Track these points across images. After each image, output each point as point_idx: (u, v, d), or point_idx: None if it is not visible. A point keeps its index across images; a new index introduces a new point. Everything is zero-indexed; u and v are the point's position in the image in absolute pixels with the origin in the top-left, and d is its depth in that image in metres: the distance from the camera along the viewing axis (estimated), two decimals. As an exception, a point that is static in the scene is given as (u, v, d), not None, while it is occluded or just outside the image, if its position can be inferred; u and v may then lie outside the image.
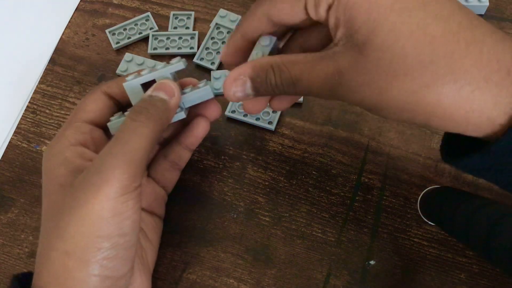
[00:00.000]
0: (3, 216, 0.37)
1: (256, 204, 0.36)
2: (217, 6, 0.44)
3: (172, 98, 0.28)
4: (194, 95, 0.30)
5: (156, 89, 0.28)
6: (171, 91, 0.28)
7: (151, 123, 0.27)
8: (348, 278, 0.33)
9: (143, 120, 0.27)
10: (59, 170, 0.28)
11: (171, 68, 0.30)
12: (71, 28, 0.45)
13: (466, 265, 0.33)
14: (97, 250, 0.25)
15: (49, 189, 0.28)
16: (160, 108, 0.28)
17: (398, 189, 0.36)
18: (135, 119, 0.27)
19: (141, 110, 0.27)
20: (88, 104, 0.31)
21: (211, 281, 0.34)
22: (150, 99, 0.28)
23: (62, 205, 0.26)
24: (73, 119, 0.30)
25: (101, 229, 0.25)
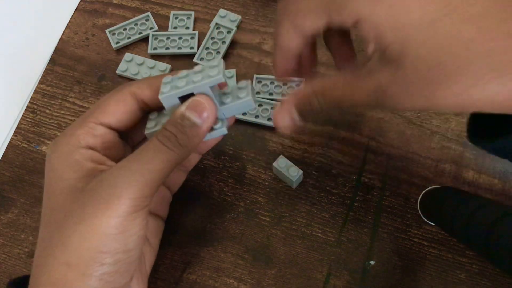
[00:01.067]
0: (3, 216, 0.37)
1: (256, 204, 0.36)
2: (217, 6, 0.44)
3: (205, 121, 0.27)
4: (235, 107, 0.28)
5: (190, 108, 0.27)
6: (205, 115, 0.27)
7: (177, 150, 0.26)
8: (348, 278, 0.33)
9: (170, 146, 0.26)
10: (68, 173, 0.27)
11: (210, 81, 0.27)
12: (71, 28, 0.45)
13: (466, 265, 0.33)
14: (100, 265, 0.25)
15: (54, 190, 0.27)
16: (190, 135, 0.27)
17: (398, 189, 0.36)
18: (163, 142, 0.26)
19: (170, 136, 0.26)
20: (110, 104, 0.29)
21: (211, 281, 0.34)
22: (181, 122, 0.27)
23: (68, 212, 0.25)
24: (89, 117, 0.29)
25: (105, 245, 0.25)
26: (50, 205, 0.27)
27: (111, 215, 0.24)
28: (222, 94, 0.29)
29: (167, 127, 0.27)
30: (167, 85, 0.28)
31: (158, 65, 0.41)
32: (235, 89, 0.29)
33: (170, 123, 0.27)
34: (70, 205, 0.26)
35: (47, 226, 0.27)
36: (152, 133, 0.29)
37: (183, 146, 0.27)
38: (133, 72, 0.41)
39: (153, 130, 0.29)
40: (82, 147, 0.28)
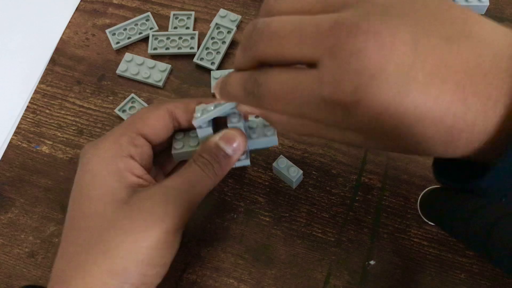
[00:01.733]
0: (3, 216, 0.37)
1: (256, 204, 0.36)
2: (217, 6, 0.44)
3: (236, 153, 0.29)
4: (261, 143, 0.31)
5: (224, 140, 0.29)
6: (237, 148, 0.29)
7: (214, 178, 0.28)
8: (348, 278, 0.33)
9: (209, 174, 0.28)
10: (112, 181, 0.27)
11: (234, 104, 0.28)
12: (71, 28, 0.45)
13: (466, 265, 0.33)
14: (142, 276, 0.26)
15: (93, 195, 0.27)
16: (222, 165, 0.29)
17: (398, 189, 0.36)
18: (204, 169, 0.28)
19: (208, 165, 0.28)
20: (150, 117, 0.30)
21: (211, 281, 0.34)
22: (216, 152, 0.28)
23: (113, 221, 0.26)
24: (131, 127, 0.30)
25: (152, 258, 0.26)
26: (88, 210, 0.27)
27: (160, 231, 0.26)
28: (249, 128, 0.31)
29: (204, 154, 0.28)
30: (199, 110, 0.29)
31: (158, 65, 0.41)
32: (261, 126, 0.31)
33: (206, 151, 0.28)
34: (113, 214, 0.26)
35: (84, 231, 0.27)
36: (179, 154, 0.31)
37: (217, 175, 0.28)
38: (133, 72, 0.41)
39: (181, 151, 0.31)
40: (124, 156, 0.28)
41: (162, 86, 0.41)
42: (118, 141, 0.29)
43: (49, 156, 0.39)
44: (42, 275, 0.35)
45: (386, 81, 0.20)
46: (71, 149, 0.39)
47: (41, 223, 0.36)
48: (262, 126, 0.31)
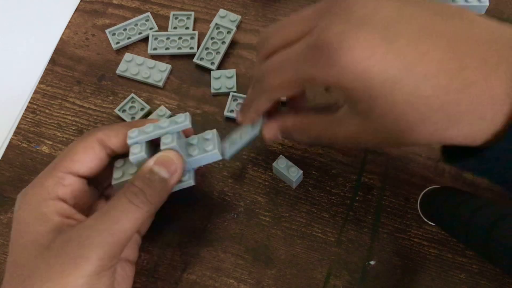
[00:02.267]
0: (3, 216, 0.37)
1: (256, 204, 0.36)
2: (217, 6, 0.44)
3: (173, 175, 0.28)
4: (202, 159, 0.30)
5: (158, 164, 0.27)
6: (173, 169, 0.28)
7: (146, 206, 0.27)
8: (348, 278, 0.33)
9: (138, 203, 0.26)
10: (35, 226, 0.26)
11: (176, 127, 0.28)
12: (71, 28, 0.45)
13: (466, 265, 0.33)
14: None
15: (19, 243, 0.26)
16: (158, 189, 0.27)
17: (398, 189, 0.36)
18: (131, 200, 0.26)
19: (138, 193, 0.27)
20: (78, 152, 0.29)
21: (211, 281, 0.34)
22: (150, 177, 0.27)
23: (34, 269, 0.25)
24: (57, 166, 0.29)
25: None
26: (14, 258, 0.26)
27: (78, 275, 0.24)
28: (188, 145, 0.30)
29: (135, 183, 0.27)
30: (135, 131, 0.28)
31: (158, 65, 0.41)
32: (201, 140, 0.30)
33: (139, 178, 0.27)
34: (35, 261, 0.25)
35: (11, 281, 0.26)
36: (120, 184, 0.30)
37: (151, 202, 0.27)
38: (133, 72, 0.41)
39: (121, 181, 0.29)
40: (50, 198, 0.27)
41: (162, 86, 0.41)
42: (43, 184, 0.28)
43: (49, 156, 0.39)
44: (42, 275, 0.35)
45: (372, 29, 0.21)
46: (71, 149, 0.39)
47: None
48: (203, 140, 0.30)
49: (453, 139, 0.22)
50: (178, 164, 0.28)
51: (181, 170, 0.28)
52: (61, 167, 0.29)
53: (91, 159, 0.29)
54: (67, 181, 0.28)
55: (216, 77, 0.40)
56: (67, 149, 0.30)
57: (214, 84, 0.40)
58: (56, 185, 0.28)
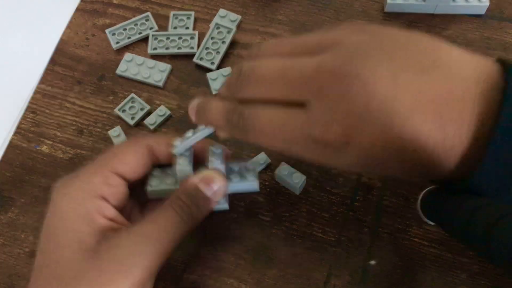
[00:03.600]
0: (3, 216, 0.37)
1: (256, 204, 0.36)
2: (217, 6, 0.44)
3: (215, 197, 0.28)
4: (241, 187, 0.30)
5: (204, 182, 0.28)
6: (218, 191, 0.28)
7: (190, 222, 0.27)
8: (348, 278, 0.33)
9: (185, 219, 0.27)
10: (80, 225, 0.26)
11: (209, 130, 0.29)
12: (71, 28, 0.45)
13: (466, 265, 0.33)
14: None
15: (61, 239, 0.26)
16: (201, 208, 0.28)
17: (398, 189, 0.36)
18: (179, 214, 0.27)
19: (185, 208, 0.27)
20: (127, 154, 0.29)
21: (211, 281, 0.34)
22: (195, 194, 0.27)
23: (80, 270, 0.25)
24: (106, 164, 0.28)
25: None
26: (55, 255, 0.26)
27: (128, 283, 0.25)
28: (229, 171, 0.30)
29: (181, 197, 0.27)
30: (178, 139, 0.29)
31: (158, 65, 0.41)
32: (243, 168, 0.30)
33: (184, 193, 0.27)
34: (81, 263, 0.25)
35: (50, 278, 0.25)
36: (155, 191, 0.30)
37: (195, 218, 0.27)
38: (133, 72, 0.41)
39: (157, 189, 0.29)
40: (96, 197, 0.27)
41: (162, 86, 0.41)
42: (91, 181, 0.27)
43: (49, 156, 0.39)
44: (42, 275, 0.35)
45: (372, 120, 0.21)
46: (71, 149, 0.39)
47: (41, 223, 0.36)
48: (244, 169, 0.30)
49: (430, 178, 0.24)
50: (222, 185, 0.28)
51: (223, 191, 0.29)
52: (109, 166, 0.28)
53: (139, 164, 0.29)
54: (113, 181, 0.28)
55: (213, 78, 0.40)
56: (116, 149, 0.29)
57: (213, 85, 0.40)
58: (103, 183, 0.27)
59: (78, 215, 0.26)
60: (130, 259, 0.25)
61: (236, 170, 0.30)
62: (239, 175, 0.30)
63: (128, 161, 0.28)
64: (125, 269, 0.25)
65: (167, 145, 0.30)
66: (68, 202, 0.27)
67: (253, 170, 0.30)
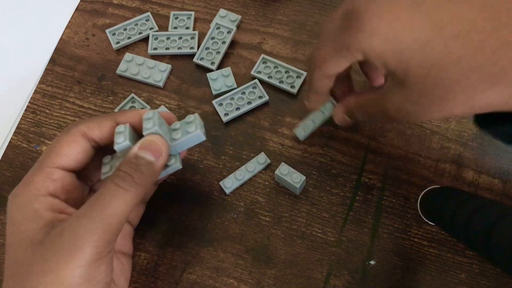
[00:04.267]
0: (3, 216, 0.37)
1: (256, 204, 0.36)
2: (217, 6, 0.44)
3: (159, 159, 0.28)
4: (186, 142, 0.29)
5: (143, 148, 0.27)
6: (158, 152, 0.28)
7: (134, 189, 0.27)
8: (348, 278, 0.33)
9: (127, 187, 0.26)
10: (28, 224, 0.26)
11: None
12: (71, 28, 0.45)
13: (466, 265, 0.33)
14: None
15: (14, 242, 0.26)
16: (145, 173, 0.27)
17: (398, 189, 0.36)
18: (119, 184, 0.26)
19: (126, 177, 0.27)
20: (62, 146, 0.29)
21: (211, 281, 0.34)
22: (136, 161, 0.27)
23: (30, 264, 0.25)
24: (44, 162, 0.28)
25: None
26: (11, 258, 0.26)
27: (75, 266, 0.24)
28: (172, 130, 0.30)
29: (122, 168, 0.27)
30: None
31: (158, 65, 0.41)
32: (183, 125, 0.30)
33: (125, 163, 0.27)
34: (31, 257, 0.25)
35: (10, 280, 0.26)
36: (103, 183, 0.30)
37: (140, 185, 0.27)
38: (133, 72, 0.41)
39: (109, 175, 0.29)
40: (41, 194, 0.27)
41: (162, 86, 0.41)
42: (32, 181, 0.28)
43: (49, 156, 0.39)
44: (42, 275, 0.35)
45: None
46: (71, 149, 0.39)
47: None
48: (184, 124, 0.30)
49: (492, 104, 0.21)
50: (162, 146, 0.28)
51: (166, 153, 0.28)
52: (48, 163, 0.28)
53: (77, 152, 0.29)
54: (55, 176, 0.28)
55: (213, 78, 0.40)
56: (51, 144, 0.29)
57: (213, 85, 0.40)
58: (45, 180, 0.28)
59: (25, 216, 0.27)
60: (73, 241, 0.25)
61: (178, 128, 0.30)
62: (181, 131, 0.29)
63: (64, 153, 0.29)
64: (69, 253, 0.24)
65: (99, 129, 0.30)
66: (16, 207, 0.27)
67: (194, 121, 0.30)
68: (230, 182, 0.36)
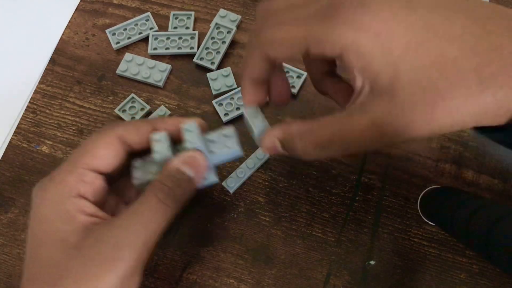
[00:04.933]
0: (3, 216, 0.37)
1: (256, 204, 0.36)
2: (217, 6, 0.44)
3: (198, 175, 0.28)
4: (223, 156, 0.29)
5: (185, 163, 0.27)
6: (199, 169, 0.28)
7: (175, 205, 0.27)
8: (348, 278, 0.33)
9: (169, 203, 0.26)
10: (60, 225, 0.26)
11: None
12: (71, 28, 0.45)
13: (466, 265, 0.33)
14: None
15: (44, 241, 0.26)
16: (186, 190, 0.27)
17: (398, 189, 0.36)
18: (162, 200, 0.26)
19: (168, 192, 0.27)
20: (99, 148, 0.28)
21: (211, 281, 0.34)
22: (177, 177, 0.27)
23: (66, 269, 0.25)
24: (78, 162, 0.28)
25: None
26: (41, 257, 0.26)
27: (113, 276, 0.24)
28: (209, 142, 0.29)
29: (164, 181, 0.27)
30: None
31: (158, 65, 0.41)
32: (221, 137, 0.29)
33: (168, 177, 0.27)
34: (66, 261, 0.25)
35: (38, 281, 0.26)
36: (142, 184, 0.29)
37: (180, 201, 0.27)
38: (133, 72, 0.41)
39: (144, 181, 0.29)
40: (73, 196, 0.27)
41: (162, 86, 0.41)
42: (66, 180, 0.27)
43: (49, 156, 0.39)
44: (42, 275, 0.35)
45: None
46: (71, 149, 0.39)
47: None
48: (222, 136, 0.30)
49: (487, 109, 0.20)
50: (203, 163, 0.28)
51: (205, 169, 0.28)
52: (82, 163, 0.28)
53: (112, 156, 0.29)
54: (88, 178, 0.28)
55: (213, 78, 0.40)
56: (86, 144, 0.29)
57: (213, 85, 0.40)
58: (78, 182, 0.27)
59: (58, 216, 0.26)
60: (114, 253, 0.25)
61: (215, 141, 0.30)
62: (218, 144, 0.29)
63: (100, 155, 0.28)
64: (109, 263, 0.24)
65: (137, 133, 0.29)
66: (47, 205, 0.27)
67: (232, 136, 0.30)
68: (233, 181, 0.36)
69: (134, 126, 0.29)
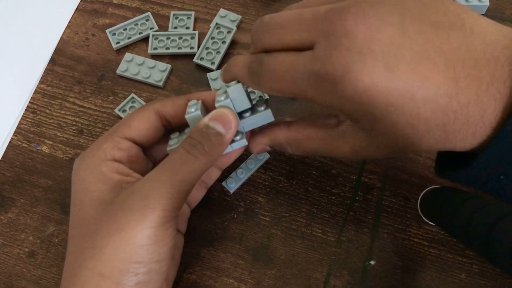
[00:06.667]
0: (3, 216, 0.37)
1: (256, 204, 0.36)
2: (217, 6, 0.44)
3: (228, 131, 0.28)
4: (255, 120, 0.29)
5: (213, 119, 0.28)
6: (228, 124, 0.28)
7: (204, 158, 0.27)
8: (348, 278, 0.33)
9: (197, 155, 0.27)
10: (96, 185, 0.27)
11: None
12: (71, 28, 0.45)
13: (466, 265, 0.33)
14: (134, 275, 0.25)
15: (83, 201, 0.27)
16: (215, 143, 0.28)
17: (398, 189, 0.36)
18: (189, 151, 0.27)
19: (196, 144, 0.27)
20: (135, 120, 0.30)
21: (211, 281, 0.34)
22: (206, 131, 0.27)
23: (99, 223, 0.26)
24: (115, 132, 0.30)
25: (140, 255, 0.25)
26: (80, 216, 0.27)
27: (145, 226, 0.25)
28: None
29: (192, 135, 0.28)
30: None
31: (158, 65, 0.41)
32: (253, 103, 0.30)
33: (196, 131, 0.28)
34: (101, 216, 0.26)
35: (78, 238, 0.27)
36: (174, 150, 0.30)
37: (208, 153, 0.27)
38: (133, 72, 0.41)
39: (175, 147, 0.30)
40: (108, 159, 0.29)
41: (162, 86, 0.41)
42: (101, 147, 0.29)
43: (49, 156, 0.39)
44: (42, 275, 0.35)
45: (373, 58, 0.21)
46: (71, 149, 0.39)
47: (41, 223, 0.37)
48: (254, 102, 0.30)
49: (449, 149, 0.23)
50: (232, 119, 0.28)
51: (235, 126, 0.28)
52: (118, 133, 0.30)
53: (147, 127, 0.31)
54: (123, 145, 0.30)
55: (213, 78, 0.40)
56: (125, 117, 0.31)
57: (213, 85, 0.40)
58: (113, 148, 0.29)
59: (94, 177, 0.28)
60: (144, 203, 0.25)
61: None
62: (250, 109, 0.29)
63: (136, 126, 0.30)
64: (140, 213, 0.25)
65: (173, 106, 0.31)
66: (83, 169, 0.29)
67: (263, 101, 0.30)
68: (233, 181, 0.36)
69: (170, 100, 0.32)
